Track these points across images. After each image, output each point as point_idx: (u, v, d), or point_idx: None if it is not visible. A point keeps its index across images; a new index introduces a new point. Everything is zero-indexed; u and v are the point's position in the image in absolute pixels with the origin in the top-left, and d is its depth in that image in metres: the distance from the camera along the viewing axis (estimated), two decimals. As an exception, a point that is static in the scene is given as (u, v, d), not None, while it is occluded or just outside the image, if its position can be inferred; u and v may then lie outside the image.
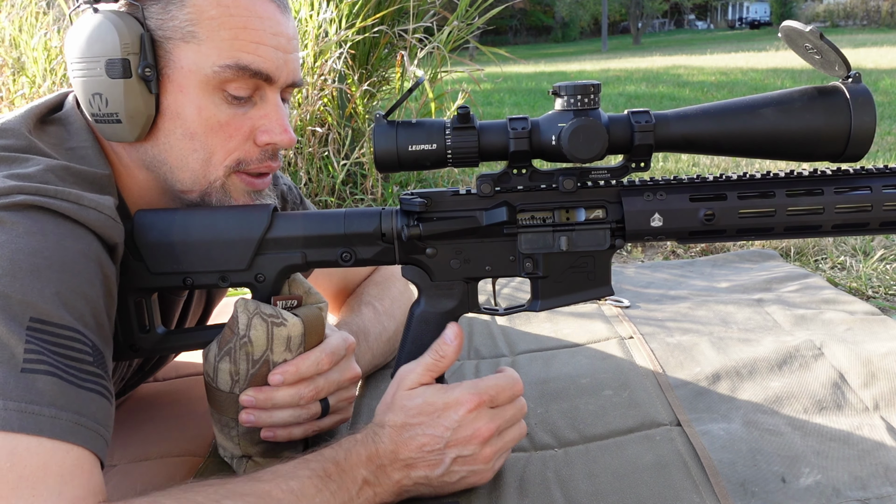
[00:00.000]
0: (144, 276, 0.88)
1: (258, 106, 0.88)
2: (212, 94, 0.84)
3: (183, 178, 0.88)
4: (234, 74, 0.83)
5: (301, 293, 0.92)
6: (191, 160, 0.86)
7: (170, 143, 0.86)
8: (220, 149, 0.87)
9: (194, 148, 0.86)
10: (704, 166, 3.39)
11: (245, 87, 0.85)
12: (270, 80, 0.86)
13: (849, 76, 0.79)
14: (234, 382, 0.88)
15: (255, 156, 0.89)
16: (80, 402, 0.68)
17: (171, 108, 0.84)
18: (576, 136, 0.79)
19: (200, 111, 0.84)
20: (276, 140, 0.88)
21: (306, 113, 2.71)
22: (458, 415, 0.84)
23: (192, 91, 0.84)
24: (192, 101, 0.84)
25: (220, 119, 0.85)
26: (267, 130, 0.88)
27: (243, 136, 0.87)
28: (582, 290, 0.89)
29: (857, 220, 0.83)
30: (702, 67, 11.23)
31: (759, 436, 1.06)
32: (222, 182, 0.89)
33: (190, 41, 0.82)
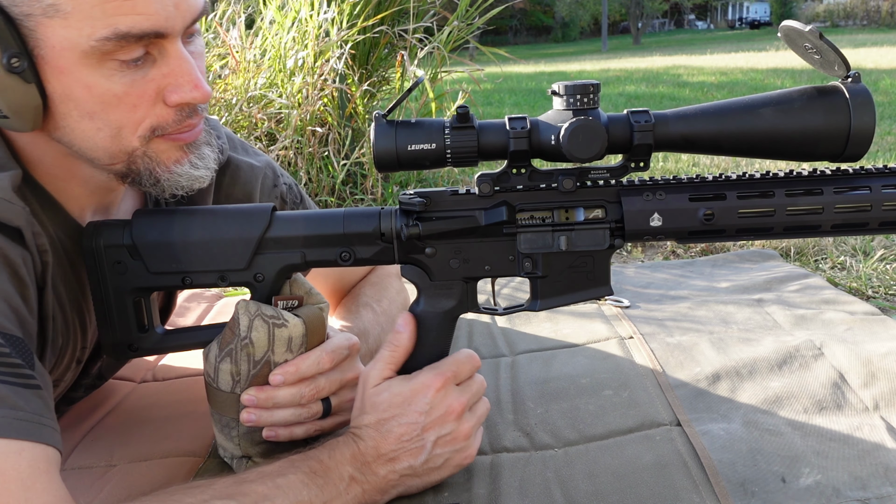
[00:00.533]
0: (143, 276, 0.88)
1: (159, 63, 0.77)
2: (98, 67, 0.73)
3: (98, 156, 0.80)
4: (116, 45, 0.72)
5: (302, 293, 0.92)
6: (98, 139, 0.78)
7: (69, 125, 0.77)
8: (127, 121, 0.77)
9: (97, 127, 0.77)
10: (704, 166, 3.39)
11: (135, 50, 0.74)
12: (163, 35, 0.75)
13: (848, 76, 0.79)
14: (235, 383, 0.88)
15: (171, 118, 0.79)
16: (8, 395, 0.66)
17: (57, 92, 0.74)
18: (575, 135, 0.79)
19: (91, 89, 0.74)
20: (188, 98, 0.78)
21: (306, 113, 2.71)
22: (427, 397, 0.84)
23: (74, 70, 0.73)
24: (77, 80, 0.73)
25: (115, 92, 0.75)
26: (175, 89, 0.78)
27: (150, 101, 0.77)
28: (581, 289, 0.89)
29: (856, 220, 0.83)
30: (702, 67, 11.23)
31: (759, 436, 1.06)
32: (143, 151, 0.80)
33: (53, 16, 0.70)
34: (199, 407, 1.11)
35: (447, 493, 0.96)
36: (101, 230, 0.87)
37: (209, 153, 0.87)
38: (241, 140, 1.14)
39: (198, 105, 0.81)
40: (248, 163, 1.10)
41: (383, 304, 1.21)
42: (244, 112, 2.76)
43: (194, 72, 0.78)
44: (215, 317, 1.57)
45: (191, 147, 0.84)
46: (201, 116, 0.83)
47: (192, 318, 1.56)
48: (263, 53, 2.88)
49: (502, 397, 1.21)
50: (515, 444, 1.07)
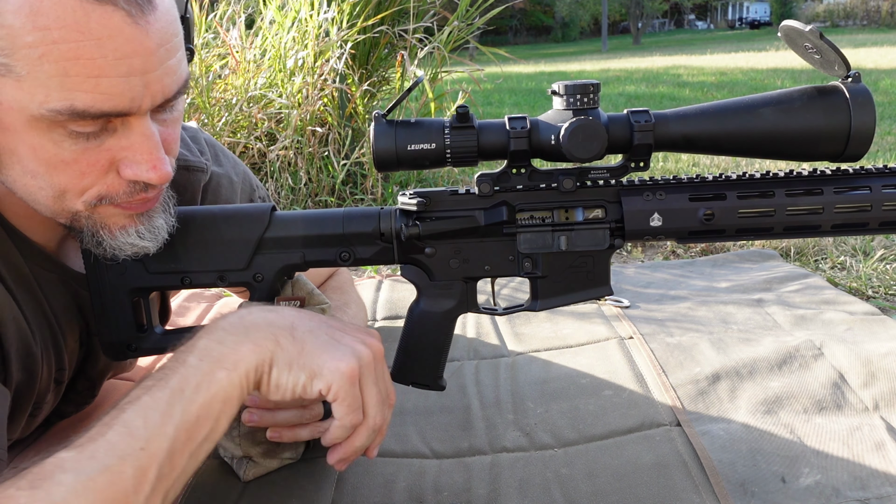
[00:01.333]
0: (142, 276, 0.88)
1: (119, 133, 0.71)
2: (47, 132, 0.68)
3: (40, 209, 0.75)
4: (69, 119, 0.66)
5: (304, 294, 0.92)
6: (40, 196, 0.73)
7: (11, 177, 0.72)
8: (73, 186, 0.72)
9: (39, 186, 0.72)
10: (704, 166, 3.39)
11: (90, 125, 0.68)
12: (126, 114, 0.69)
13: (848, 76, 0.79)
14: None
15: (123, 189, 0.74)
16: None
17: (1, 144, 0.69)
18: (575, 135, 0.79)
19: (35, 151, 0.68)
20: (142, 177, 0.72)
21: (306, 113, 2.71)
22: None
23: (20, 130, 0.67)
24: (22, 140, 0.68)
25: (63, 157, 0.69)
26: (131, 164, 0.72)
27: (101, 170, 0.72)
28: (581, 289, 0.88)
29: (856, 220, 0.83)
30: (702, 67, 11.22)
31: (759, 436, 1.06)
32: (87, 214, 0.75)
33: (6, 74, 0.64)
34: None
35: (447, 493, 0.96)
36: None
37: (162, 223, 0.81)
38: (220, 147, 1.13)
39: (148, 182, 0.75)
40: (228, 177, 1.09)
41: (351, 310, 1.21)
42: (244, 112, 2.76)
43: (156, 151, 0.72)
44: (216, 316, 1.57)
45: (141, 217, 0.78)
46: (158, 191, 0.78)
47: (192, 318, 1.56)
48: (263, 53, 2.88)
49: (502, 397, 1.21)
50: (515, 444, 1.07)
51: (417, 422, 1.14)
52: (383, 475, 1.01)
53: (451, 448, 1.07)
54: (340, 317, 1.16)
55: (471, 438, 1.09)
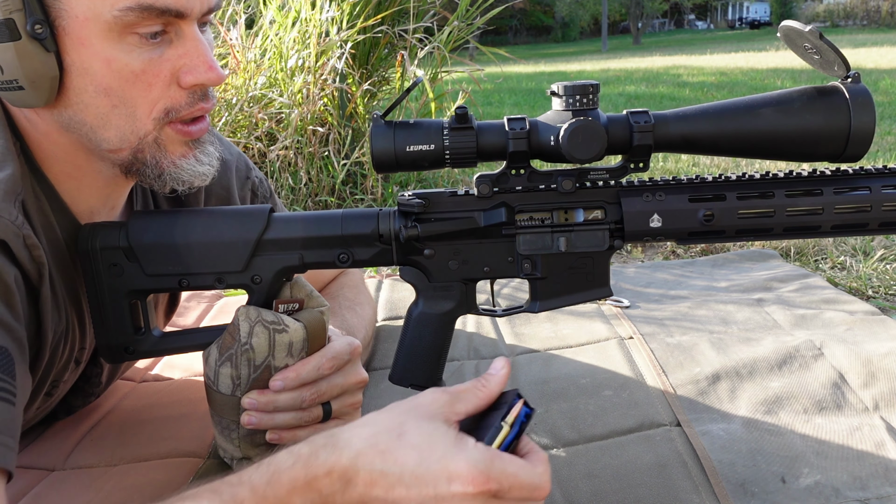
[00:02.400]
0: (139, 278, 0.88)
1: (175, 44, 0.77)
2: (119, 41, 0.73)
3: (108, 137, 0.79)
4: (138, 17, 0.72)
5: (303, 296, 0.92)
6: (112, 117, 0.77)
7: (84, 101, 0.76)
8: (143, 100, 0.77)
9: (113, 104, 0.76)
10: (704, 166, 3.39)
11: (156, 25, 0.75)
12: (182, 15, 0.75)
13: (848, 76, 0.79)
14: (236, 386, 0.88)
15: (184, 100, 0.80)
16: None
17: (76, 65, 0.74)
18: (574, 136, 0.79)
19: (110, 63, 0.74)
20: (202, 79, 0.79)
21: (307, 113, 2.71)
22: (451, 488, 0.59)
23: (94, 42, 0.73)
24: (97, 53, 0.73)
25: (134, 68, 0.75)
26: (191, 70, 0.78)
27: (165, 82, 0.78)
28: (581, 290, 0.88)
29: (856, 221, 0.83)
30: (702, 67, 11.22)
31: (759, 436, 1.05)
32: (154, 137, 0.80)
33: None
34: (199, 407, 1.11)
35: (447, 493, 0.96)
36: (96, 232, 0.87)
37: (213, 150, 0.87)
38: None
39: (209, 90, 0.82)
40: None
41: (363, 309, 1.21)
42: (244, 112, 2.76)
43: (209, 54, 0.79)
44: (215, 316, 1.57)
45: (196, 143, 0.84)
46: (212, 103, 0.83)
47: (192, 318, 1.56)
48: (263, 53, 2.88)
49: (502, 398, 1.21)
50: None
51: (417, 422, 1.14)
52: (383, 476, 1.01)
53: (451, 448, 1.07)
54: (351, 317, 1.16)
55: (471, 439, 1.09)
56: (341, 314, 1.16)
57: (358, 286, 1.28)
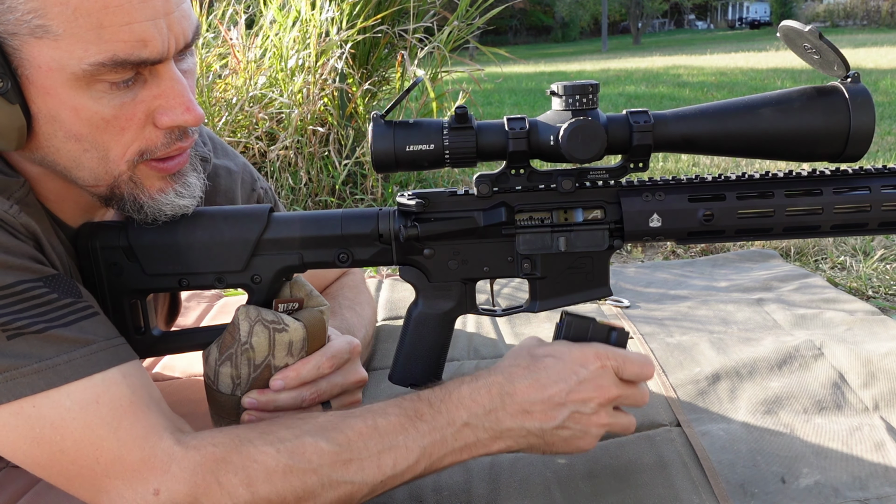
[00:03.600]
0: (139, 278, 0.88)
1: (149, 83, 0.74)
2: (87, 90, 0.70)
3: (82, 176, 0.77)
4: (110, 70, 0.69)
5: (303, 296, 0.92)
6: (84, 160, 0.75)
7: (54, 146, 0.74)
8: (115, 144, 0.75)
9: (84, 148, 0.74)
10: (704, 166, 3.39)
11: (127, 73, 0.71)
12: (158, 60, 0.72)
13: (848, 76, 0.79)
14: (236, 386, 0.88)
15: (161, 140, 0.77)
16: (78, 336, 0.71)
17: (42, 112, 0.71)
18: (574, 136, 0.79)
19: (78, 112, 0.71)
20: (179, 121, 0.75)
21: (307, 112, 2.71)
22: (586, 368, 0.82)
23: (60, 92, 0.70)
24: (63, 102, 0.70)
25: (105, 115, 0.72)
26: (167, 111, 0.75)
27: (139, 124, 0.75)
28: (580, 290, 0.88)
29: (856, 221, 0.83)
30: (702, 67, 11.22)
31: (759, 436, 1.05)
32: (129, 175, 0.78)
33: (42, 36, 0.66)
34: (199, 407, 1.11)
35: (447, 492, 0.96)
36: (97, 232, 0.87)
37: (195, 181, 0.85)
38: (220, 141, 1.14)
39: (188, 128, 0.79)
40: (227, 167, 1.10)
41: (364, 309, 1.22)
42: (245, 112, 2.76)
43: (186, 93, 0.75)
44: (216, 316, 1.57)
45: (175, 177, 0.82)
46: (191, 140, 0.81)
47: (193, 318, 1.56)
48: (264, 53, 2.88)
49: (502, 398, 1.21)
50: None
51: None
52: (383, 476, 1.01)
53: (451, 448, 1.07)
54: (351, 316, 1.17)
55: (470, 439, 1.09)
56: (342, 314, 1.16)
57: (359, 286, 1.28)
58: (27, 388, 0.68)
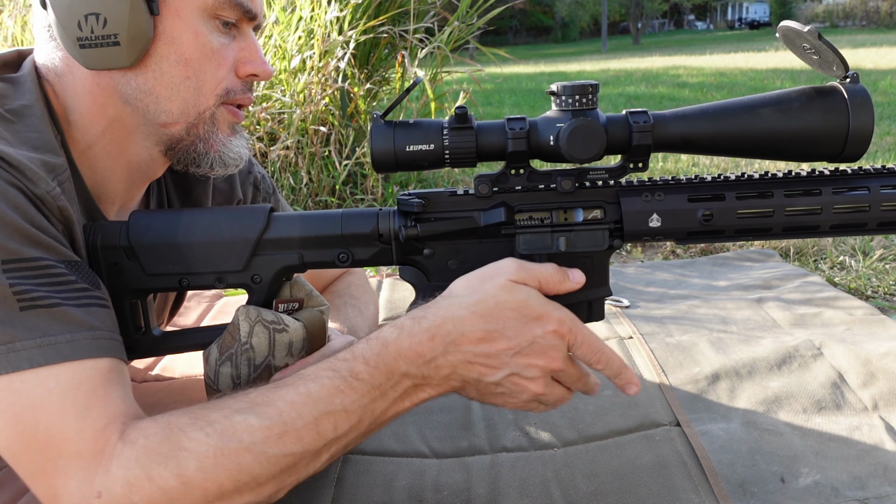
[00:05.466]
0: (139, 277, 0.88)
1: (238, 39, 0.89)
2: (207, 21, 0.85)
3: (171, 109, 0.86)
4: (228, 5, 0.85)
5: (303, 296, 0.92)
6: (182, 88, 0.86)
7: (161, 69, 0.84)
8: (211, 77, 0.87)
9: (187, 75, 0.85)
10: (704, 166, 3.39)
11: (234, 16, 0.87)
12: (253, 16, 0.89)
13: (847, 76, 0.79)
14: (236, 386, 0.88)
15: (239, 86, 0.90)
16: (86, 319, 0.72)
17: (166, 33, 0.83)
18: (574, 136, 0.79)
19: (197, 36, 0.84)
20: (258, 70, 0.90)
21: (308, 112, 2.71)
22: (542, 330, 0.76)
23: (189, 16, 0.83)
24: (189, 25, 0.83)
25: (213, 46, 0.86)
26: (249, 61, 0.90)
27: (229, 66, 0.88)
28: (580, 290, 0.88)
29: (855, 221, 0.83)
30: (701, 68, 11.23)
31: (759, 436, 1.06)
32: (212, 112, 0.89)
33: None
34: (198, 407, 1.11)
35: (447, 492, 0.96)
36: (97, 231, 0.87)
37: (246, 137, 0.97)
38: None
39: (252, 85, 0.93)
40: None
41: (367, 308, 1.22)
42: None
43: (261, 53, 0.91)
44: (216, 316, 1.57)
45: (237, 128, 0.94)
46: (253, 96, 0.94)
47: (193, 318, 1.56)
48: (266, 53, 2.89)
49: (502, 397, 1.21)
50: (515, 444, 1.07)
51: (417, 421, 1.14)
52: (383, 474, 1.01)
53: (451, 447, 1.08)
54: (355, 315, 1.17)
55: (471, 438, 1.10)
56: (345, 312, 1.16)
57: (363, 285, 1.28)
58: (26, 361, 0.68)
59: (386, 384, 0.75)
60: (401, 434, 1.11)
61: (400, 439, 1.10)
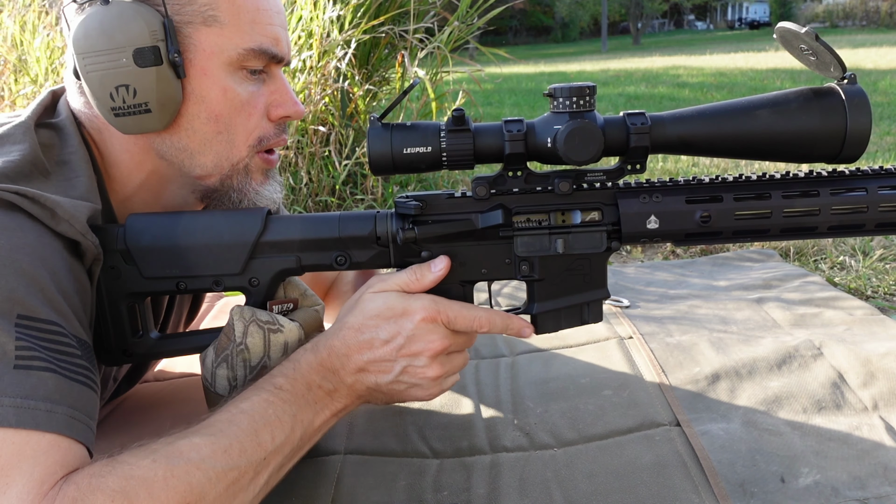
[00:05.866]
0: (137, 281, 0.88)
1: (267, 83, 0.91)
2: (234, 74, 0.87)
3: (205, 163, 0.89)
4: (254, 56, 0.86)
5: (297, 296, 0.92)
6: (215, 142, 0.88)
7: (193, 127, 0.87)
8: (242, 128, 0.89)
9: (218, 130, 0.87)
10: (703, 167, 3.39)
11: (260, 65, 0.88)
12: (280, 60, 0.90)
13: (844, 77, 0.79)
14: (233, 388, 0.88)
15: (272, 131, 0.92)
16: (73, 395, 0.70)
17: (195, 93, 0.85)
18: (571, 138, 0.79)
19: (226, 92, 0.86)
20: (290, 112, 0.92)
21: (308, 113, 2.71)
22: (412, 323, 0.84)
23: (215, 73, 0.85)
24: (216, 83, 0.86)
25: (242, 98, 0.87)
26: (280, 104, 0.91)
27: (260, 114, 0.90)
28: (578, 292, 0.89)
29: (852, 222, 0.83)
30: (701, 68, 11.22)
31: (759, 436, 1.06)
32: (246, 163, 0.91)
33: (212, 24, 0.84)
34: (199, 407, 1.11)
35: (447, 492, 0.96)
36: (95, 234, 0.87)
37: (280, 179, 0.99)
38: None
39: (286, 125, 0.95)
40: None
41: None
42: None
43: (292, 93, 0.93)
44: (216, 316, 1.57)
45: (271, 172, 0.96)
46: (287, 136, 0.95)
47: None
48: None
49: (502, 397, 1.21)
50: (515, 444, 1.07)
51: (417, 421, 1.15)
52: (383, 474, 1.01)
53: (451, 447, 1.08)
54: None
55: (471, 438, 1.10)
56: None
57: None
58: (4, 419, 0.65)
59: (307, 394, 0.82)
60: (401, 434, 1.11)
61: (400, 439, 1.10)
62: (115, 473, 0.67)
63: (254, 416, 0.76)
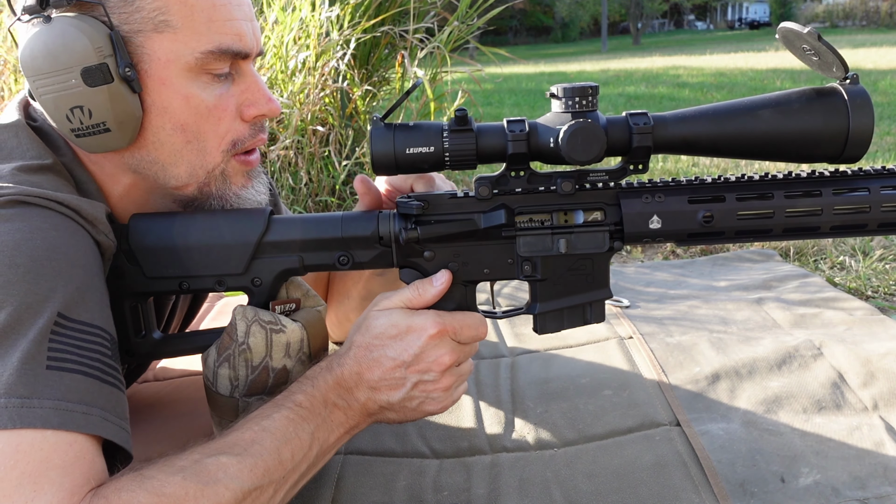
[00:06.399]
0: (140, 281, 0.88)
1: (237, 81, 0.86)
2: (195, 80, 0.82)
3: (178, 174, 0.85)
4: (215, 58, 0.81)
5: (299, 296, 0.92)
6: (185, 152, 0.84)
7: (160, 140, 0.83)
8: (213, 134, 0.85)
9: (187, 139, 0.83)
10: (704, 167, 3.39)
11: (225, 66, 0.83)
12: (246, 56, 0.85)
13: (846, 77, 0.79)
14: (234, 387, 0.88)
15: (247, 133, 0.87)
16: (105, 397, 0.70)
17: (156, 104, 0.81)
18: (574, 138, 0.79)
19: (188, 100, 0.82)
20: (264, 110, 0.87)
21: (307, 113, 2.71)
22: (420, 340, 0.84)
23: (174, 81, 0.80)
24: (177, 91, 0.81)
25: (208, 103, 0.83)
26: (253, 103, 0.86)
27: (231, 116, 0.85)
28: (580, 292, 0.88)
29: (855, 222, 0.83)
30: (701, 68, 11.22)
31: (759, 436, 1.06)
32: (222, 169, 0.87)
33: (164, 31, 0.78)
34: (198, 407, 1.11)
35: (447, 492, 0.96)
36: None
37: (264, 179, 0.95)
38: None
39: (264, 123, 0.90)
40: None
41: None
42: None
43: (265, 89, 0.87)
44: (216, 317, 1.57)
45: (252, 173, 0.91)
46: (265, 135, 0.91)
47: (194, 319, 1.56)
48: (265, 53, 2.88)
49: (502, 397, 1.21)
50: (515, 444, 1.07)
51: (417, 421, 1.15)
52: (383, 474, 1.01)
53: (451, 447, 1.08)
54: None
55: (471, 438, 1.10)
56: None
57: None
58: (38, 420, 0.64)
59: (324, 412, 0.82)
60: (401, 434, 1.11)
61: (400, 439, 1.10)
62: (145, 489, 0.66)
63: (276, 435, 0.76)
